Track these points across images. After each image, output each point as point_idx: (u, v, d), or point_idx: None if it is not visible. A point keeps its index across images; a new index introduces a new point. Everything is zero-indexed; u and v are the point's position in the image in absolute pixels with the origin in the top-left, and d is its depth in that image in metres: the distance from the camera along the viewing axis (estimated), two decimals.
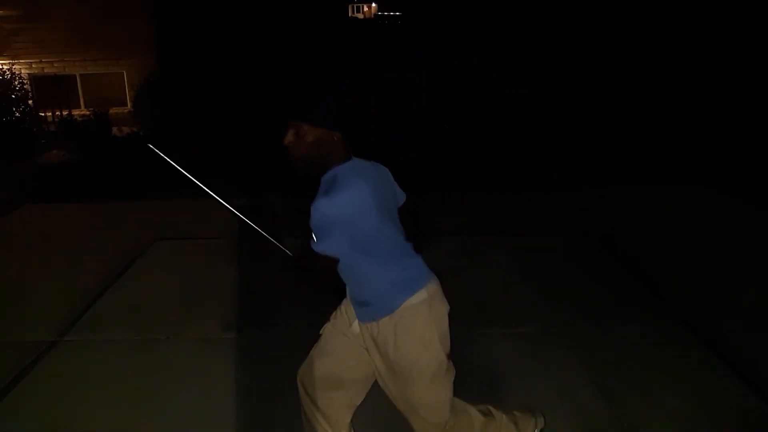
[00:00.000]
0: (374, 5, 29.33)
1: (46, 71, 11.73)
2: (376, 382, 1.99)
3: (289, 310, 3.52)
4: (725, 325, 3.34)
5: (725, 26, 9.78)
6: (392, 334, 1.81)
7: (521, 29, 11.12)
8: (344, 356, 1.95)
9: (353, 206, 1.71)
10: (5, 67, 10.58)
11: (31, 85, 11.30)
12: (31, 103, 10.85)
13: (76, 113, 11.17)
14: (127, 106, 11.66)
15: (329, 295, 2.01)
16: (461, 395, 2.03)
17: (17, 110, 10.21)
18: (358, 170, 1.82)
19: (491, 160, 7.69)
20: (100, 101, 11.08)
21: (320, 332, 2.03)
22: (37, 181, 7.57)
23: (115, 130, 10.23)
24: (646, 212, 5.56)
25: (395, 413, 2.00)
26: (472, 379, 2.69)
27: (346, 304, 1.99)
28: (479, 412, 2.06)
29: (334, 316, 2.03)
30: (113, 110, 10.78)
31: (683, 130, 8.64)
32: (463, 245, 4.71)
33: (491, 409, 2.11)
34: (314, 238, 1.71)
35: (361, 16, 27.76)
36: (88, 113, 10.58)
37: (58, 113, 11.24)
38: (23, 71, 11.25)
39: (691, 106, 9.22)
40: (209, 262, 4.50)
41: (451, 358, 1.91)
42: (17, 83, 10.49)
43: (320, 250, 1.71)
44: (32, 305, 3.79)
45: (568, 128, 9.11)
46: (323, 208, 1.70)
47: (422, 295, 1.84)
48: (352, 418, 2.05)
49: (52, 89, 11.43)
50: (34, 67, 11.69)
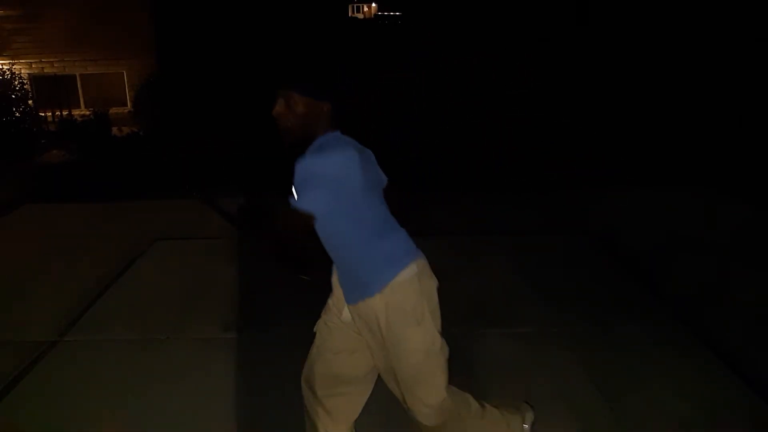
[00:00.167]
0: (374, 5, 29.32)
1: (46, 71, 11.72)
2: (378, 382, 1.98)
3: (289, 310, 3.51)
4: (725, 325, 3.34)
5: (725, 26, 9.78)
6: (383, 311, 1.77)
7: (521, 29, 11.11)
8: (342, 349, 1.93)
9: (341, 167, 1.69)
10: (5, 67, 10.58)
11: (31, 85, 11.29)
12: (31, 103, 10.83)
13: (76, 113, 11.17)
14: (127, 106, 11.65)
15: (296, 266, 1.94)
16: None
17: (17, 110, 10.19)
18: (345, 139, 1.82)
19: (491, 160, 7.68)
20: (100, 101, 11.05)
21: (314, 330, 2.01)
22: (37, 181, 7.56)
23: (115, 130, 10.23)
24: (646, 212, 5.56)
25: (398, 414, 2.00)
26: (472, 379, 2.70)
27: (332, 297, 1.97)
28: (473, 398, 2.03)
29: (324, 311, 2.00)
30: (113, 110, 10.77)
31: (683, 130, 8.64)
32: (463, 245, 4.71)
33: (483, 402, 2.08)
34: (294, 194, 1.66)
35: (361, 16, 27.75)
36: (88, 113, 10.57)
37: (58, 113, 11.23)
38: (23, 71, 11.24)
39: (691, 106, 9.21)
40: (209, 262, 4.50)
41: (443, 336, 1.87)
42: (17, 83, 10.48)
43: (299, 205, 1.66)
44: (32, 305, 3.79)
45: (568, 128, 9.09)
46: (309, 164, 1.67)
47: (412, 269, 1.80)
48: (356, 418, 2.03)
49: (52, 89, 11.42)
50: (34, 67, 11.69)
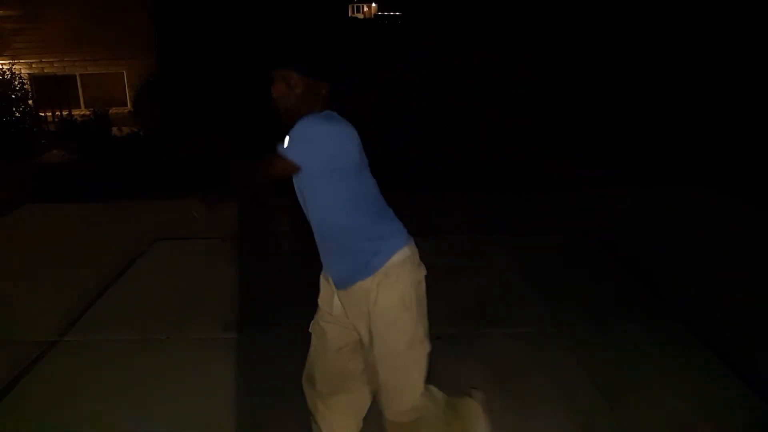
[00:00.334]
0: (374, 5, 29.34)
1: (46, 71, 11.72)
2: None
3: (289, 310, 3.50)
4: (725, 325, 3.34)
5: (725, 26, 9.78)
6: (374, 289, 1.75)
7: (521, 29, 11.11)
8: (340, 346, 1.91)
9: (338, 135, 1.69)
10: (5, 67, 10.58)
11: (31, 85, 11.29)
12: (31, 103, 10.84)
13: (76, 113, 11.16)
14: (127, 106, 11.65)
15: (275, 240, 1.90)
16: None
17: (17, 110, 10.20)
18: (340, 116, 1.81)
19: (491, 160, 7.68)
20: (100, 101, 11.05)
21: (309, 330, 2.00)
22: (37, 181, 7.56)
23: (115, 130, 10.23)
24: (646, 212, 5.56)
25: None
26: (472, 379, 2.69)
27: (320, 296, 1.96)
28: (445, 401, 1.96)
29: (316, 312, 2.00)
30: (113, 110, 10.77)
31: (683, 129, 8.64)
32: (463, 245, 4.71)
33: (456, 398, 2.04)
34: (285, 143, 1.64)
35: (361, 16, 27.76)
36: (88, 113, 10.57)
37: (58, 113, 11.23)
38: (23, 71, 11.24)
39: (690, 106, 9.21)
40: (209, 262, 4.50)
41: (428, 335, 1.86)
42: (17, 83, 10.49)
43: (288, 153, 1.64)
44: (32, 305, 3.79)
45: (568, 128, 9.09)
46: (309, 123, 1.67)
47: (405, 252, 1.80)
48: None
49: (52, 89, 11.42)
50: (34, 67, 11.68)
